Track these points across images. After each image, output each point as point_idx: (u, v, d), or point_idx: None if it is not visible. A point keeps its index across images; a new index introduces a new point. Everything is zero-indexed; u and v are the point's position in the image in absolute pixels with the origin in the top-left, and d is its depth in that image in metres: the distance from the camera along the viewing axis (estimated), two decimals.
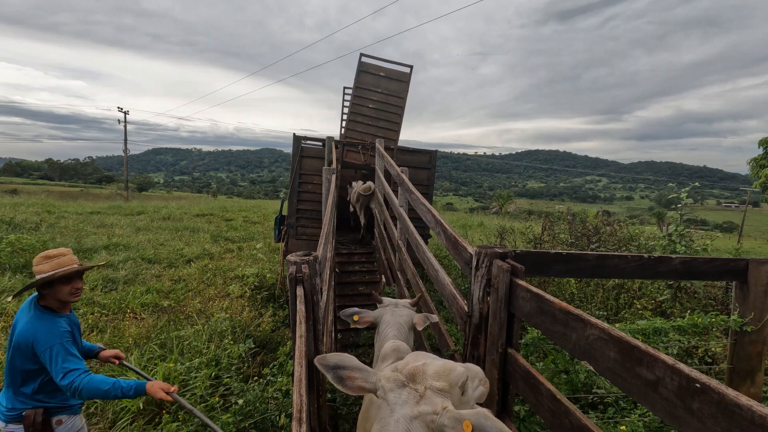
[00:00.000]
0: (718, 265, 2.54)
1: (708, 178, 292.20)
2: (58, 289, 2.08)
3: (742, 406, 0.88)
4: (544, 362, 3.22)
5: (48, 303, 2.10)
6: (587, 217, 10.67)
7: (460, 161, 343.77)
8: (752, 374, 2.64)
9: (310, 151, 7.70)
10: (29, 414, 2.04)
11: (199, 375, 3.81)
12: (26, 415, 2.04)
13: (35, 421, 2.04)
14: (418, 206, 3.60)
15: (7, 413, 2.05)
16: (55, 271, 2.05)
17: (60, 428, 2.13)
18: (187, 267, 8.38)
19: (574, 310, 1.47)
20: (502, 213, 32.83)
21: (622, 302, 5.39)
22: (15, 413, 2.04)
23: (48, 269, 2.05)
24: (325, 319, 2.51)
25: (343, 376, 1.32)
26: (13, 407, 2.05)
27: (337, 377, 1.31)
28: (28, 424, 2.03)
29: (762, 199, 18.30)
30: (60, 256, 2.11)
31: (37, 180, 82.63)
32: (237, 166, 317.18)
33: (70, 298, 2.14)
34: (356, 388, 1.29)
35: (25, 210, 12.88)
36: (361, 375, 1.30)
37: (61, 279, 2.07)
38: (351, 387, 1.29)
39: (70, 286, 2.12)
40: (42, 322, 2.03)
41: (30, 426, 2.04)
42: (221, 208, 19.26)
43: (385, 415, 1.18)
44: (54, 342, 1.99)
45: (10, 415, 2.05)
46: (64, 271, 2.07)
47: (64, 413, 2.15)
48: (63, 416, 2.15)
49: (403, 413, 1.14)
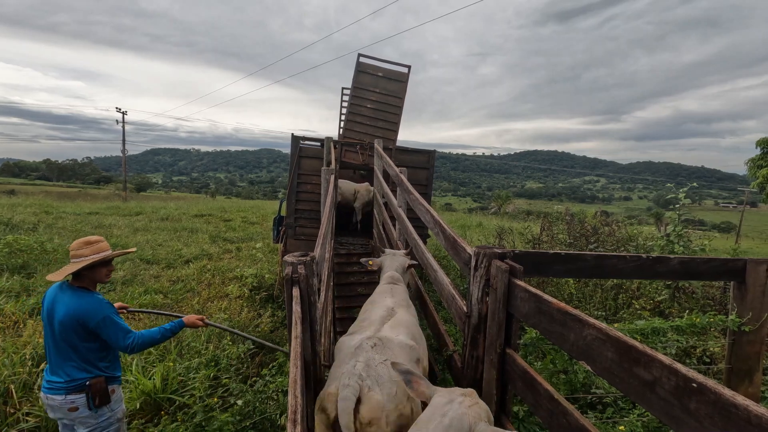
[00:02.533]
0: (717, 265, 2.54)
1: (706, 178, 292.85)
2: (98, 270, 2.36)
3: (739, 405, 0.88)
4: (542, 362, 3.22)
5: (84, 283, 2.35)
6: (586, 217, 10.69)
7: (459, 161, 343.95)
8: (750, 374, 2.64)
9: (308, 151, 7.69)
10: (95, 382, 2.26)
11: (198, 376, 3.80)
12: (93, 383, 2.25)
13: (100, 388, 2.27)
14: (417, 206, 3.60)
15: (68, 385, 2.22)
16: (98, 255, 2.32)
17: (113, 397, 2.36)
18: (186, 267, 8.36)
19: (572, 310, 1.47)
20: (501, 213, 32.86)
21: (620, 302, 5.40)
22: (76, 383, 2.23)
23: (89, 253, 2.31)
24: (323, 319, 2.51)
25: (411, 380, 1.59)
26: (73, 378, 2.23)
27: (407, 380, 1.59)
28: (95, 390, 2.25)
29: (760, 200, 18.34)
30: (99, 242, 2.38)
31: (35, 180, 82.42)
32: (235, 166, 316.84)
33: (105, 279, 2.43)
34: (419, 392, 1.56)
35: (22, 210, 12.86)
36: (424, 383, 1.58)
37: (102, 262, 2.37)
38: (416, 390, 1.56)
39: (107, 268, 2.42)
40: (86, 299, 2.27)
41: (97, 393, 2.26)
42: (220, 208, 19.24)
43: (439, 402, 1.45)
44: (105, 313, 2.26)
45: (71, 386, 2.23)
46: (106, 255, 2.36)
47: (115, 383, 2.40)
48: (115, 385, 2.39)
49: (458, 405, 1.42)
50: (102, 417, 2.31)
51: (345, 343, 2.12)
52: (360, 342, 2.03)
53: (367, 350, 1.96)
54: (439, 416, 1.39)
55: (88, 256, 2.30)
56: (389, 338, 2.10)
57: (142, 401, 3.44)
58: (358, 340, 2.05)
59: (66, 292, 2.30)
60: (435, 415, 1.40)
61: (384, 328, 2.23)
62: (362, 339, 2.05)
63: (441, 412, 1.41)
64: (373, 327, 2.25)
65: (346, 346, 2.06)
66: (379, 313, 2.44)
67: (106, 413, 2.33)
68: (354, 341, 2.07)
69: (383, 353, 1.96)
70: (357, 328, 2.36)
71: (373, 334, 2.12)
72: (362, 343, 2.01)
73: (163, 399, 3.53)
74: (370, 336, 2.08)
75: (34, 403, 3.35)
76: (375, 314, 2.44)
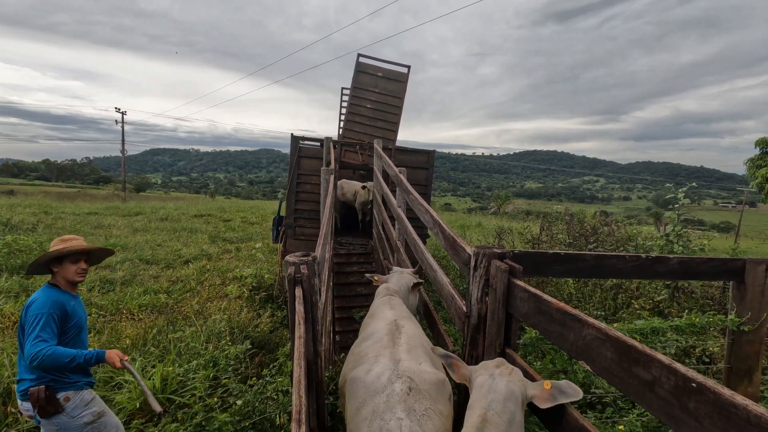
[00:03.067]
0: (716, 265, 2.55)
1: (705, 178, 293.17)
2: (66, 267, 2.28)
3: (738, 405, 0.89)
4: (542, 362, 3.23)
5: (56, 281, 2.29)
6: (585, 217, 10.69)
7: (459, 161, 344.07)
8: (750, 374, 2.65)
9: (308, 151, 7.70)
10: (33, 391, 2.10)
11: (197, 376, 3.80)
12: (31, 392, 2.09)
13: (39, 397, 2.09)
14: (416, 206, 3.60)
15: (19, 389, 2.15)
16: (64, 246, 2.27)
17: (69, 405, 2.18)
18: (185, 268, 8.36)
19: (571, 310, 1.48)
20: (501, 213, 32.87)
21: (620, 302, 5.41)
22: (23, 389, 2.13)
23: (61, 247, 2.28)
24: (323, 319, 2.51)
25: (452, 363, 1.70)
26: (23, 380, 2.15)
27: (449, 364, 1.71)
28: (33, 401, 2.08)
29: (759, 199, 18.38)
30: (72, 240, 2.34)
31: (34, 181, 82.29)
32: (235, 166, 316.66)
33: (76, 278, 2.32)
34: (461, 375, 1.67)
35: (21, 211, 12.85)
36: (463, 365, 1.70)
37: (69, 257, 2.27)
38: (458, 373, 1.68)
39: (77, 266, 2.31)
40: (42, 293, 2.20)
41: (35, 403, 2.08)
42: (219, 208, 19.24)
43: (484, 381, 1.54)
44: (43, 311, 2.11)
45: (21, 391, 2.14)
46: (72, 246, 2.29)
47: (70, 389, 2.21)
48: (70, 392, 2.20)
49: (501, 378, 1.54)
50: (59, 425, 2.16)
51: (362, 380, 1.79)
52: (387, 381, 1.71)
53: (401, 396, 1.63)
54: (492, 393, 1.49)
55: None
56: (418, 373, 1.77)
57: (142, 401, 3.44)
58: (385, 379, 1.72)
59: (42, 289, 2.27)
60: (487, 394, 1.49)
61: (402, 354, 1.92)
62: (388, 377, 1.73)
63: (490, 389, 1.50)
64: (388, 351, 1.95)
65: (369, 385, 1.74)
66: (383, 328, 2.21)
67: (63, 419, 2.16)
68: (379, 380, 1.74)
69: (420, 399, 1.65)
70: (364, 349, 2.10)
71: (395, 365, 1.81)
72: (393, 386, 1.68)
73: (163, 399, 3.53)
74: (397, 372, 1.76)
75: None
76: (380, 330, 2.20)
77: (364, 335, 2.32)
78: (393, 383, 1.69)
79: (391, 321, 2.29)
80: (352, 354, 2.19)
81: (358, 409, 1.70)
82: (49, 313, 2.12)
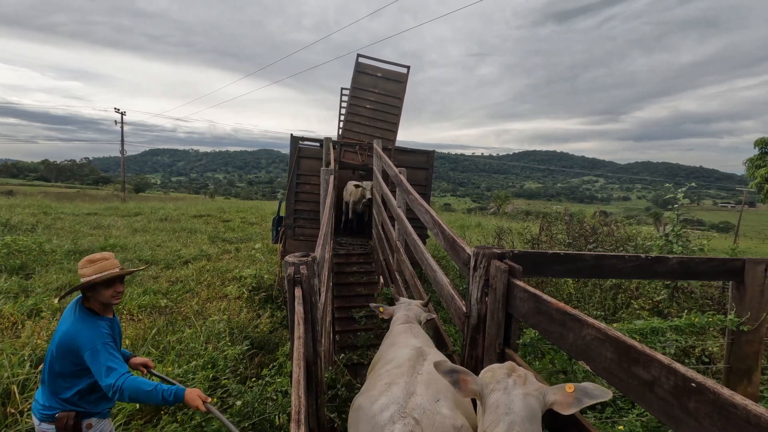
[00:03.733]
0: (715, 265, 2.55)
1: (704, 178, 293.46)
2: (100, 292, 2.15)
3: (738, 405, 0.89)
4: (541, 362, 3.23)
5: (91, 305, 2.17)
6: (584, 217, 10.70)
7: (458, 162, 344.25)
8: (749, 373, 2.65)
9: (307, 151, 7.70)
10: (62, 417, 2.08)
11: (196, 377, 3.80)
12: (59, 417, 2.08)
13: (67, 424, 2.08)
14: (416, 207, 3.60)
15: (43, 411, 2.09)
16: (97, 275, 2.13)
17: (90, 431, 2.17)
18: (185, 268, 8.35)
19: (571, 310, 1.48)
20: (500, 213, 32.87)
21: (619, 302, 5.41)
22: (50, 413, 2.08)
23: (91, 273, 2.12)
24: (323, 320, 2.51)
25: (458, 380, 1.47)
26: (50, 406, 2.08)
27: (454, 381, 1.47)
28: (60, 426, 2.07)
29: (758, 199, 18.39)
30: (102, 260, 2.17)
31: (34, 181, 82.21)
32: (234, 167, 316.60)
33: (112, 301, 2.21)
34: (468, 390, 1.45)
35: (21, 211, 12.84)
36: (471, 378, 1.47)
37: (103, 282, 2.14)
38: (464, 390, 1.46)
39: (112, 289, 2.19)
40: (84, 324, 2.08)
41: (62, 428, 2.07)
42: (219, 209, 19.24)
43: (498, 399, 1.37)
44: (96, 343, 2.03)
45: (45, 414, 2.08)
46: (104, 275, 2.14)
47: (94, 417, 2.19)
48: (93, 420, 2.19)
49: (517, 392, 1.37)
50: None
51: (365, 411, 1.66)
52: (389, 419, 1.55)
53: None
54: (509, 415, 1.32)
55: (89, 276, 2.13)
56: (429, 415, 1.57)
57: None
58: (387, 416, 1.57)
59: (75, 313, 2.15)
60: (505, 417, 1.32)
61: (418, 387, 1.71)
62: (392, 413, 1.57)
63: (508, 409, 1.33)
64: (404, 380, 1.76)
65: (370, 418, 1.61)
66: (406, 353, 2.03)
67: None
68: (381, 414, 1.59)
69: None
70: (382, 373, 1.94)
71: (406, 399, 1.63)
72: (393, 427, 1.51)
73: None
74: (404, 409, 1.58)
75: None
76: (402, 356, 2.02)
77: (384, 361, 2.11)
78: (395, 423, 1.53)
79: (416, 347, 2.09)
80: (368, 378, 2.12)
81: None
82: (103, 344, 2.06)
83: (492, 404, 1.37)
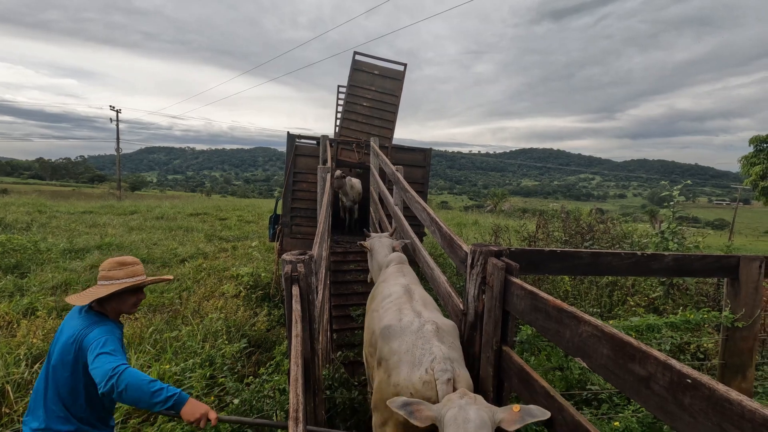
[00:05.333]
0: (710, 262, 2.57)
1: (699, 175, 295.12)
2: (125, 298, 2.02)
3: (733, 401, 0.90)
4: (538, 359, 3.24)
5: (104, 310, 2.00)
6: (581, 215, 10.74)
7: (455, 159, 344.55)
8: (743, 369, 2.67)
9: (304, 149, 7.68)
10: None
11: (194, 375, 3.80)
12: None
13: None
14: (414, 205, 3.60)
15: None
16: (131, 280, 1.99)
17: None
18: (181, 266, 8.33)
19: (567, 308, 1.48)
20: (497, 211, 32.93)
21: (615, 299, 5.44)
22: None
23: (123, 276, 1.99)
24: (320, 318, 2.51)
25: (413, 410, 1.63)
26: (47, 427, 1.84)
27: (409, 412, 1.62)
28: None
29: (752, 197, 18.52)
30: (134, 264, 2.06)
31: (28, 179, 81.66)
32: (231, 164, 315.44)
33: (132, 310, 2.09)
34: (424, 417, 1.62)
35: (15, 210, 12.75)
36: (425, 407, 1.65)
37: (132, 289, 2.02)
38: (420, 418, 1.61)
39: (136, 297, 2.08)
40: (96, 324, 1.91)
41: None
42: (215, 207, 19.17)
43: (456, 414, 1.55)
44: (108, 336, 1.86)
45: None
46: (137, 281, 2.01)
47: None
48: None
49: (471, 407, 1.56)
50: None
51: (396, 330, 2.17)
52: (420, 327, 2.10)
53: (434, 334, 2.05)
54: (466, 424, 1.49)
55: (120, 279, 1.97)
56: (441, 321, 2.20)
57: None
58: (417, 324, 2.12)
59: (81, 316, 1.96)
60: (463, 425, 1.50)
61: (420, 308, 2.33)
62: (419, 324, 2.12)
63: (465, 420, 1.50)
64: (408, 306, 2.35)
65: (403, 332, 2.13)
66: (399, 290, 2.59)
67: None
68: (412, 324, 2.14)
69: (446, 336, 2.09)
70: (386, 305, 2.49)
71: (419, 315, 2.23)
72: (423, 328, 2.08)
73: None
74: (422, 319, 2.17)
75: None
76: (396, 291, 2.59)
77: (381, 295, 2.72)
78: (424, 326, 2.10)
79: (405, 285, 2.67)
80: (375, 311, 2.57)
81: (399, 346, 2.05)
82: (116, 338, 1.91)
83: (449, 420, 1.54)
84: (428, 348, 1.95)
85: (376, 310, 2.55)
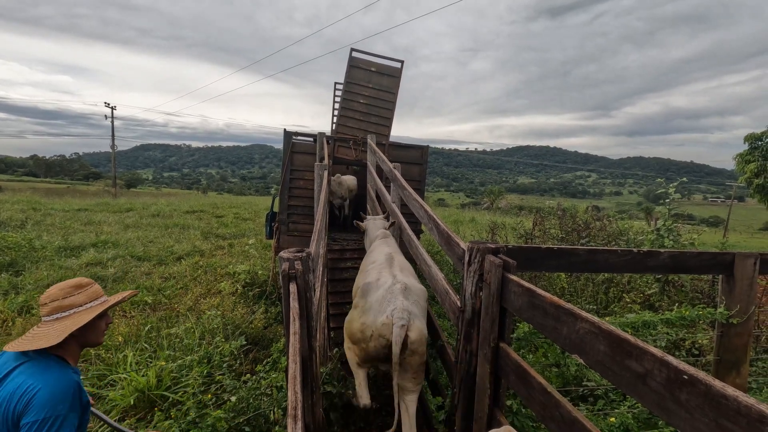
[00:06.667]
0: (706, 259, 2.58)
1: (695, 173, 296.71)
2: (97, 324, 1.66)
3: (729, 396, 0.90)
4: (535, 356, 3.26)
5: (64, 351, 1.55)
6: (577, 212, 10.77)
7: (452, 157, 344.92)
8: (738, 365, 2.70)
9: (301, 146, 7.66)
10: None
11: (191, 373, 3.79)
12: None
13: None
14: (411, 202, 3.60)
15: None
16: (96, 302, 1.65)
17: None
18: (178, 264, 8.29)
19: (564, 304, 1.49)
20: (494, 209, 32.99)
21: (611, 296, 5.46)
22: None
23: (85, 300, 1.62)
24: (318, 315, 2.51)
25: None
26: None
27: None
28: None
29: (747, 194, 18.64)
30: (92, 285, 1.70)
31: (22, 177, 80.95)
32: (227, 162, 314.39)
33: (100, 339, 1.71)
34: None
35: (9, 207, 12.64)
36: None
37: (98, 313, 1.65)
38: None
39: (104, 321, 1.71)
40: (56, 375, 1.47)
41: None
42: (211, 204, 19.08)
43: None
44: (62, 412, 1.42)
45: None
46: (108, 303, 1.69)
47: None
48: None
49: None
50: None
51: (374, 286, 2.77)
52: (391, 285, 2.65)
53: (400, 292, 2.57)
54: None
55: (82, 305, 1.60)
56: (410, 283, 2.76)
57: (135, 398, 3.43)
58: (390, 283, 2.69)
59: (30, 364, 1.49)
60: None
61: (397, 272, 2.87)
62: (392, 283, 2.68)
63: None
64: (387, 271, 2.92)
65: (378, 287, 2.72)
66: (382, 258, 3.20)
67: None
68: (384, 284, 2.70)
69: (411, 294, 2.62)
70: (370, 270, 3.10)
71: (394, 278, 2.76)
72: (393, 286, 2.61)
73: (156, 396, 3.52)
74: (396, 280, 2.72)
75: None
76: (380, 259, 3.21)
77: (368, 261, 3.41)
78: (395, 285, 2.66)
79: (388, 253, 3.27)
80: (362, 272, 3.28)
81: (373, 297, 2.67)
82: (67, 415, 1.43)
83: None
84: (393, 301, 2.50)
85: (363, 270, 3.24)
